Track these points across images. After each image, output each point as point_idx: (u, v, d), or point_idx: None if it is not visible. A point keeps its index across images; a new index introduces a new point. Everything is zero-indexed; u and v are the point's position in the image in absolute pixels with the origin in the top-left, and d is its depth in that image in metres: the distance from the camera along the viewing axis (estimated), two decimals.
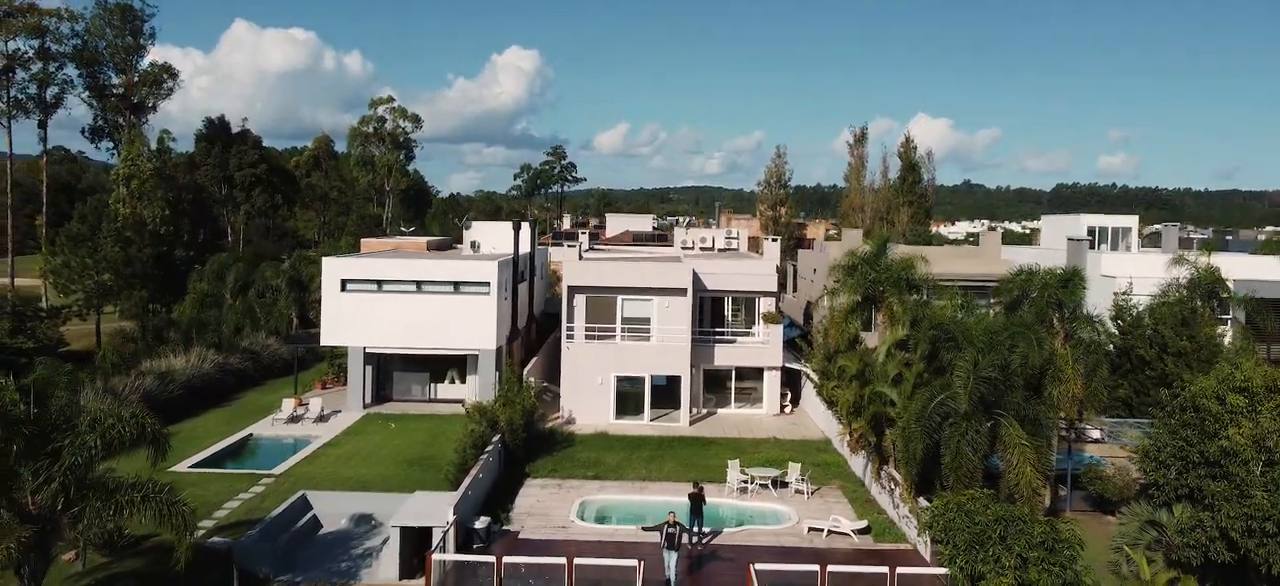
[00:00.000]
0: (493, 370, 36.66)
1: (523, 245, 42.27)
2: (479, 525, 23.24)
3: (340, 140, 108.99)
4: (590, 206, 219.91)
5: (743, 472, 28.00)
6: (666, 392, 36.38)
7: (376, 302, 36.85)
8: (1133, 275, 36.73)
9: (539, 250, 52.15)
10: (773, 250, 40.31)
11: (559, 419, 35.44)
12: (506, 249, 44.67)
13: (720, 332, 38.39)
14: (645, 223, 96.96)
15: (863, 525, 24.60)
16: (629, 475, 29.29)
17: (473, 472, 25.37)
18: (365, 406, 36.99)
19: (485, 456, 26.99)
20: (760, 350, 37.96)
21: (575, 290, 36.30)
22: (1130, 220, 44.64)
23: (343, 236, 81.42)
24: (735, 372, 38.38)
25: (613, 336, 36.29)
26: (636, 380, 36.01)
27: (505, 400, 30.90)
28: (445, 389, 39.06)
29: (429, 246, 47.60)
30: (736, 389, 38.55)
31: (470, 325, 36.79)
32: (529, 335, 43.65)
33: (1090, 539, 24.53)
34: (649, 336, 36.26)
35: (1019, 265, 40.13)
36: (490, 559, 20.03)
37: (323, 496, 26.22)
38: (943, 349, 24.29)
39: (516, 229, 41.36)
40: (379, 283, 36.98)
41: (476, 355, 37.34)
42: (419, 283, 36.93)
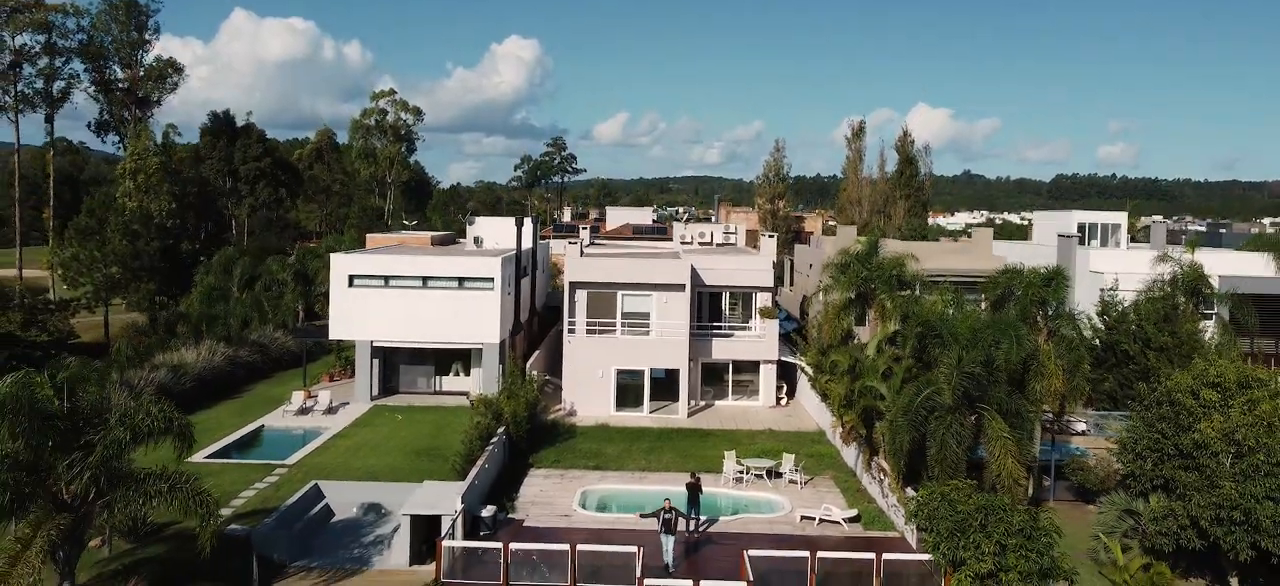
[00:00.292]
0: (496, 363, 37.68)
1: (525, 241, 43.26)
2: (485, 513, 24.28)
3: (340, 130, 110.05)
4: (590, 196, 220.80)
5: (738, 463, 29.04)
6: (665, 385, 37.39)
7: (383, 297, 37.84)
8: (1119, 271, 37.69)
9: (541, 244, 53.14)
10: (769, 246, 41.23)
11: (561, 411, 36.47)
12: (509, 243, 45.64)
13: (718, 327, 39.38)
14: (645, 215, 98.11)
15: (853, 514, 25.65)
16: (629, 465, 30.34)
17: (479, 463, 26.39)
18: (372, 398, 38.01)
19: (491, 447, 28.02)
20: (757, 344, 38.97)
21: (577, 286, 37.30)
22: (1119, 217, 45.58)
23: (346, 230, 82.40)
24: (732, 366, 39.37)
25: (613, 331, 37.31)
26: (636, 373, 37.03)
27: (509, 393, 31.92)
28: (450, 381, 40.08)
29: (433, 241, 48.58)
30: (733, 382, 39.56)
31: (474, 319, 37.79)
32: (531, 328, 44.68)
33: (1072, 527, 25.64)
34: (648, 331, 37.28)
35: (1007, 262, 41.12)
36: (497, 545, 21.09)
37: (334, 486, 27.29)
38: (930, 345, 25.29)
39: (519, 225, 42.34)
40: (386, 278, 37.97)
41: (480, 349, 38.35)
42: (424, 278, 37.92)
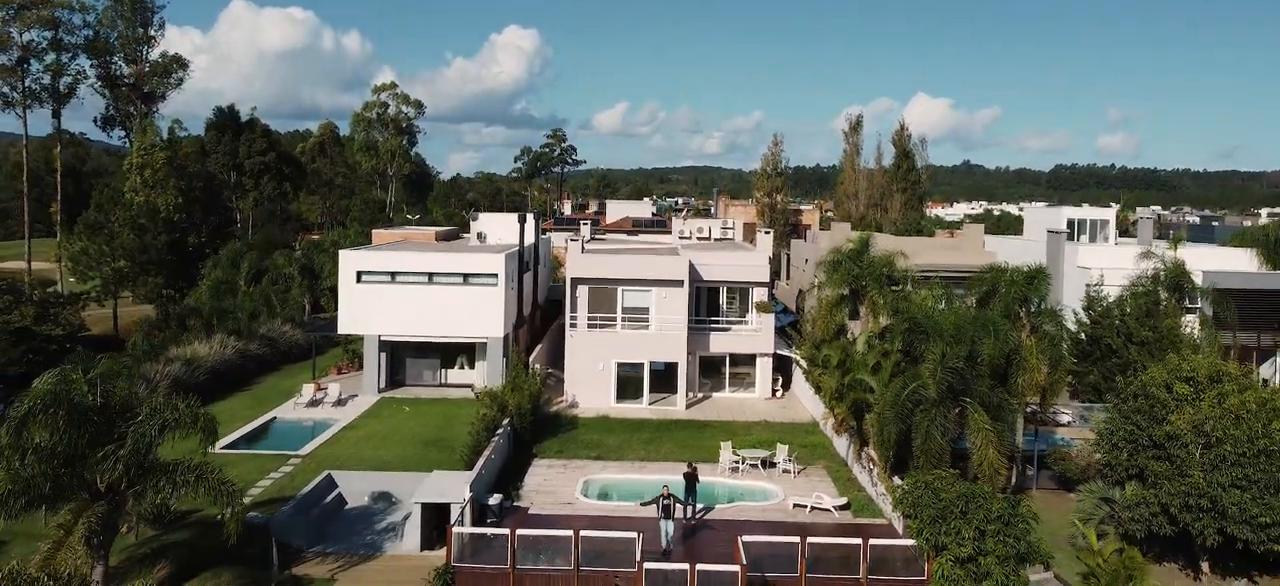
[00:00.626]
0: (500, 357, 38.81)
1: (527, 236, 44.34)
2: (492, 502, 25.43)
3: (340, 119, 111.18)
4: (590, 187, 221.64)
5: (734, 453, 30.20)
6: (664, 378, 38.54)
7: (391, 293, 38.94)
8: (1106, 267, 38.78)
9: (542, 239, 54.18)
10: (765, 242, 42.30)
11: (563, 403, 37.63)
12: (511, 238, 46.66)
13: (715, 321, 40.49)
14: (645, 209, 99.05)
15: (843, 502, 26.83)
16: (629, 456, 31.51)
17: (485, 453, 27.55)
18: (380, 391, 39.14)
19: (496, 438, 29.18)
20: (753, 338, 40.10)
21: (578, 281, 38.41)
22: (1108, 213, 46.66)
23: (350, 224, 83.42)
24: (729, 359, 40.49)
25: (613, 325, 38.45)
26: (636, 366, 38.18)
27: (513, 386, 33.07)
28: (455, 374, 41.22)
29: (437, 237, 49.64)
30: (731, 374, 40.69)
31: (479, 314, 38.89)
32: (533, 322, 45.82)
33: (1054, 514, 26.86)
34: (648, 325, 38.41)
35: (998, 257, 42.23)
36: (504, 532, 22.25)
37: (346, 475, 28.46)
38: (917, 340, 26.41)
39: (522, 221, 43.42)
40: (392, 274, 39.05)
41: (485, 343, 39.47)
42: (430, 274, 39.00)
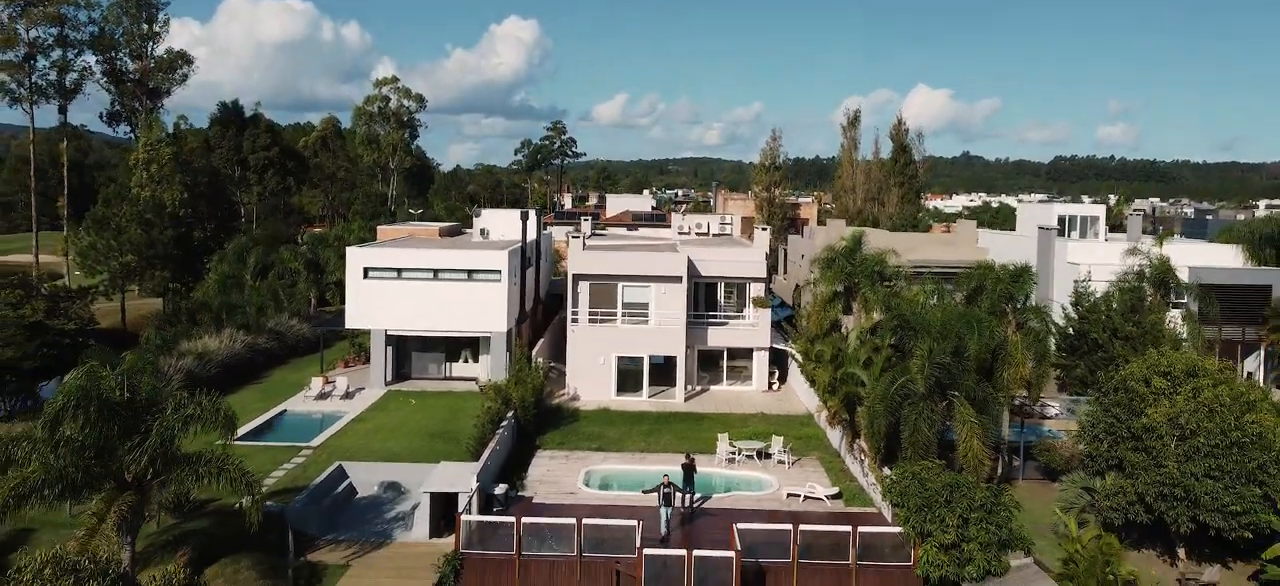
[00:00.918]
0: (504, 351, 39.83)
1: (529, 233, 45.32)
2: (498, 491, 26.51)
3: (340, 111, 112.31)
4: (590, 179, 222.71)
5: (731, 445, 31.26)
6: (663, 371, 39.58)
7: (397, 289, 39.95)
8: (1094, 263, 39.76)
9: (543, 234, 55.16)
10: (762, 238, 43.31)
11: (565, 395, 38.68)
12: (513, 234, 47.68)
13: (713, 316, 41.50)
14: (644, 202, 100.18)
15: (835, 491, 27.89)
16: (629, 447, 32.57)
17: (491, 445, 28.61)
18: (386, 384, 40.18)
19: (501, 430, 30.23)
20: (750, 332, 41.12)
21: (579, 277, 39.43)
22: (1098, 209, 47.66)
23: (352, 218, 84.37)
24: (727, 352, 41.52)
25: (614, 320, 39.49)
26: (636, 360, 39.20)
27: (517, 379, 34.09)
28: (460, 368, 42.28)
29: (441, 233, 50.63)
30: (728, 367, 41.72)
31: (483, 309, 39.91)
32: (536, 316, 46.85)
33: (1039, 503, 27.92)
34: (647, 320, 39.44)
35: (990, 253, 43.28)
36: (510, 520, 23.33)
37: (356, 466, 29.52)
38: (906, 336, 27.43)
39: (524, 218, 44.41)
40: (399, 270, 40.06)
41: (489, 337, 40.50)
42: (435, 270, 40.02)
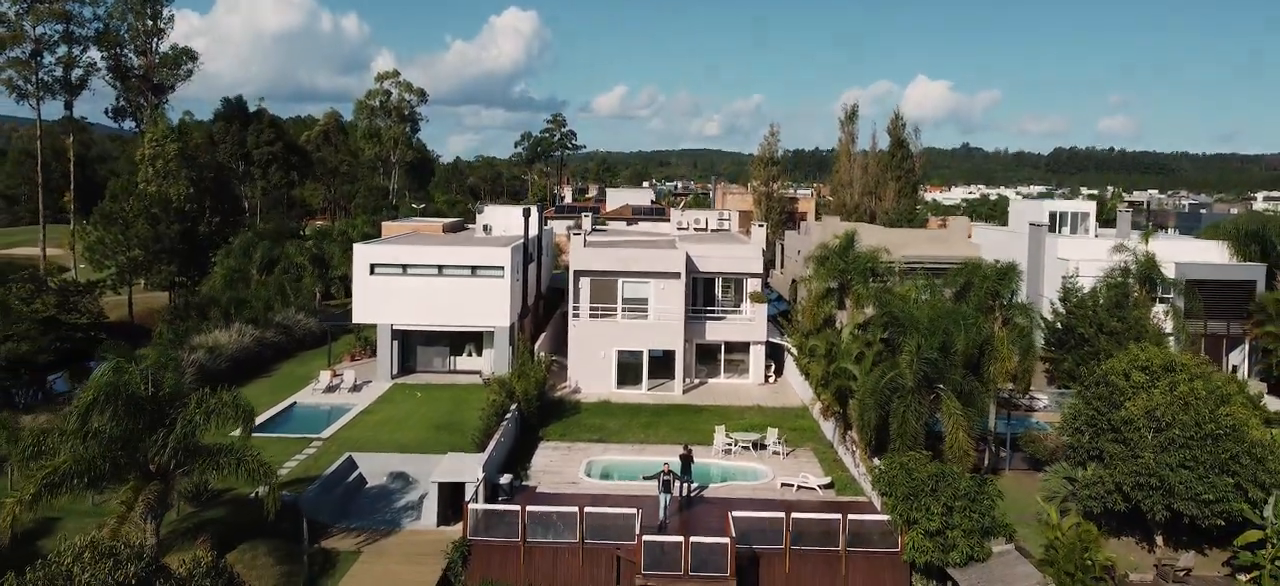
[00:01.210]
0: (507, 344, 40.87)
1: (531, 229, 46.30)
2: (503, 481, 27.54)
3: (339, 102, 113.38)
4: (590, 171, 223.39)
5: (728, 436, 32.31)
6: (663, 364, 40.61)
7: (402, 284, 40.96)
8: (1082, 259, 40.75)
9: (545, 230, 56.14)
10: (759, 235, 44.29)
11: (567, 388, 39.72)
12: (515, 229, 48.70)
13: (711, 310, 42.50)
14: (644, 196, 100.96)
15: (827, 481, 28.94)
16: (629, 438, 33.62)
17: (495, 437, 29.64)
18: (392, 377, 41.20)
19: (505, 422, 31.28)
20: (747, 326, 42.12)
21: (580, 274, 40.43)
22: (1088, 206, 48.64)
23: (355, 212, 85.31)
24: (724, 346, 42.50)
25: (614, 314, 40.50)
26: (636, 354, 40.24)
27: (520, 373, 35.14)
28: (464, 361, 43.30)
29: (445, 229, 51.60)
30: (725, 361, 42.73)
31: (486, 304, 40.93)
32: (537, 311, 47.88)
33: (1024, 492, 28.98)
34: (647, 314, 40.45)
35: (983, 249, 44.25)
36: (515, 508, 24.39)
37: (366, 457, 30.54)
38: (896, 332, 28.43)
39: (526, 215, 45.39)
40: (404, 267, 41.08)
41: (492, 331, 41.52)
42: (440, 267, 41.04)
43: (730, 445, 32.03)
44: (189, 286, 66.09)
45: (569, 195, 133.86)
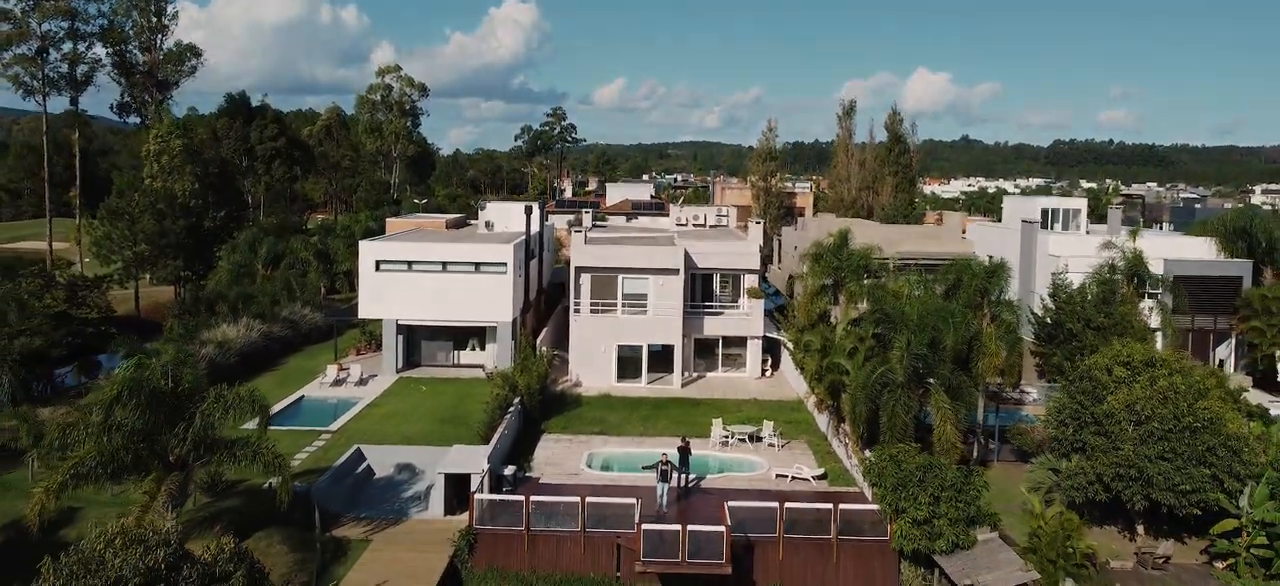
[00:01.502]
0: (509, 339, 41.79)
1: (533, 226, 47.16)
2: (507, 472, 28.51)
3: (338, 94, 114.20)
4: (590, 164, 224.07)
5: (724, 429, 33.25)
6: (662, 358, 41.55)
7: (407, 280, 41.87)
8: (1072, 255, 41.64)
9: (546, 226, 56.99)
10: (756, 232, 45.17)
11: (568, 382, 40.67)
12: (516, 225, 49.56)
13: (709, 306, 43.40)
14: (644, 191, 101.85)
15: (820, 472, 29.90)
16: (629, 431, 34.58)
17: (499, 429, 30.61)
18: (398, 371, 42.14)
19: (508, 415, 32.24)
20: (744, 321, 43.05)
21: (581, 270, 41.34)
22: (1079, 203, 49.52)
23: (358, 208, 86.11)
24: (722, 341, 43.45)
25: (614, 310, 41.42)
26: (635, 348, 41.19)
27: (522, 367, 36.06)
28: (467, 355, 44.23)
29: (448, 225, 52.49)
30: (723, 355, 43.68)
31: (489, 300, 41.85)
32: (539, 306, 48.77)
33: (1011, 483, 29.93)
34: (646, 310, 41.37)
35: (976, 245, 45.12)
36: (520, 498, 25.35)
37: (374, 449, 31.51)
38: (887, 329, 29.35)
39: (528, 212, 46.27)
40: (409, 263, 41.99)
41: (495, 327, 42.45)
42: (444, 263, 41.95)
43: (727, 437, 32.96)
44: (194, 281, 67.00)
45: (569, 189, 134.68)
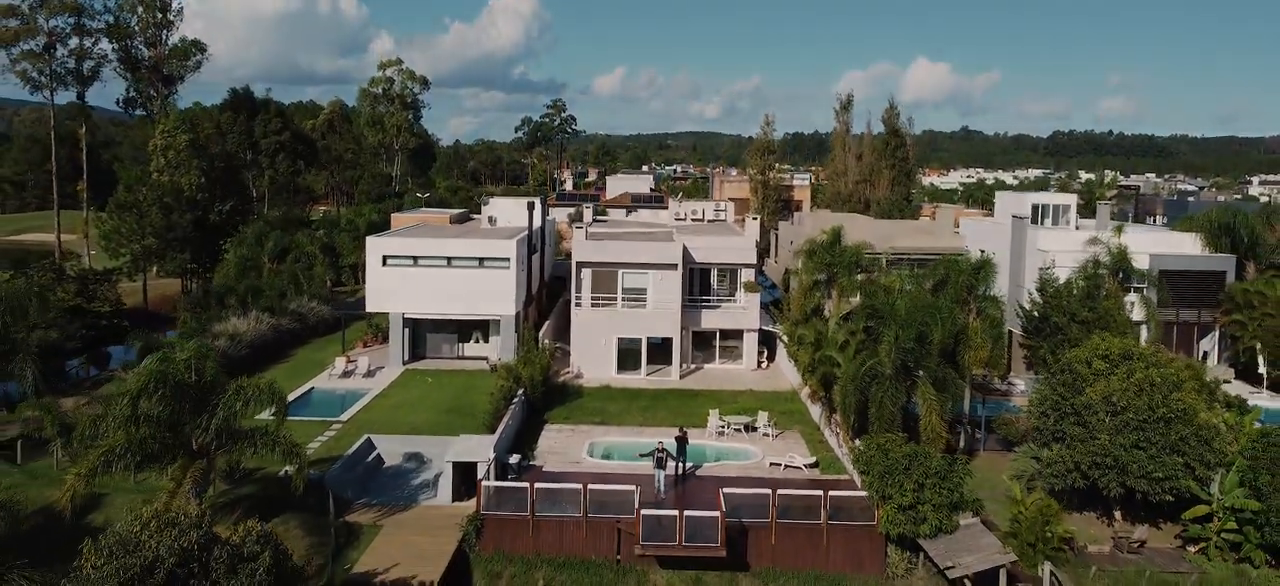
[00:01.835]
0: (512, 332, 42.99)
1: (535, 221, 48.34)
2: (512, 461, 29.75)
3: (338, 84, 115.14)
4: (590, 154, 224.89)
5: (721, 419, 34.47)
6: (661, 351, 42.74)
7: (413, 275, 43.03)
8: (1059, 250, 42.76)
9: (547, 220, 58.13)
10: (753, 227, 46.30)
11: (569, 373, 41.87)
12: (518, 220, 50.73)
13: (707, 299, 44.58)
14: (643, 182, 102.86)
15: (813, 461, 31.12)
16: (628, 421, 35.78)
17: (504, 419, 31.82)
18: (404, 363, 43.34)
19: (512, 406, 33.43)
20: (741, 314, 44.23)
21: (582, 265, 42.51)
22: (1069, 198, 50.60)
23: (360, 200, 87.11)
24: (719, 333, 44.63)
25: (614, 303, 42.61)
26: (635, 340, 42.36)
27: (525, 359, 37.26)
28: (471, 348, 45.41)
29: (451, 220, 53.63)
30: (720, 347, 44.86)
31: (493, 294, 43.03)
32: (541, 299, 50.00)
33: (996, 472, 31.16)
34: (645, 303, 42.55)
35: (969, 240, 46.24)
36: (524, 485, 26.58)
37: (383, 439, 32.69)
38: (877, 323, 30.53)
39: (530, 208, 47.43)
40: (415, 258, 43.15)
41: (499, 320, 43.64)
42: (449, 258, 43.11)
43: (723, 427, 34.16)
44: (201, 274, 68.18)
45: (569, 180, 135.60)
